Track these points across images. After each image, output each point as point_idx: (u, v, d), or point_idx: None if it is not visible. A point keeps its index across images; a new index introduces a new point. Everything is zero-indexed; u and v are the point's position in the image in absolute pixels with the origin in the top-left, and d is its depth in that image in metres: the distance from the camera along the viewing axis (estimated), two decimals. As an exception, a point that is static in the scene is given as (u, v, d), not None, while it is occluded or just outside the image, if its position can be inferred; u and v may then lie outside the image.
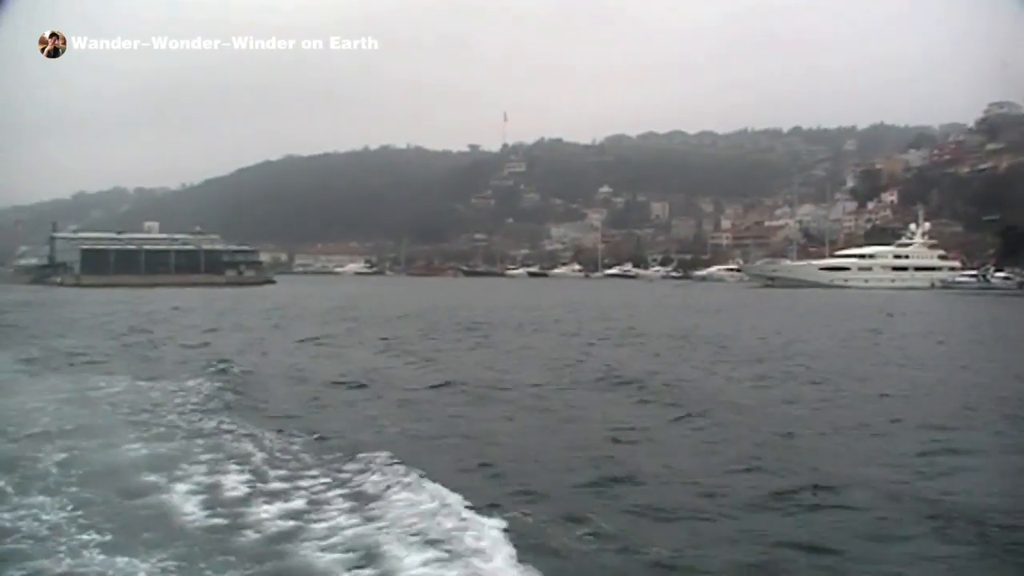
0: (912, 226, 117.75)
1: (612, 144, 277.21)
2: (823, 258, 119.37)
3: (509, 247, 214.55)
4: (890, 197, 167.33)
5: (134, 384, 16.79)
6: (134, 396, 15.32)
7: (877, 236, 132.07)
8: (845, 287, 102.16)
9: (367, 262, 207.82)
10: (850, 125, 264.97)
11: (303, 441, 11.66)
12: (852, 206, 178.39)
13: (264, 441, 11.55)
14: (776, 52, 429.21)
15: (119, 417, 13.34)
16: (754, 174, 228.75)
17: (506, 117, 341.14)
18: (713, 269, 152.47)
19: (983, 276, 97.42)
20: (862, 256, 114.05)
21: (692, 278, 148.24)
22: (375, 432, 12.71)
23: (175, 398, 15.01)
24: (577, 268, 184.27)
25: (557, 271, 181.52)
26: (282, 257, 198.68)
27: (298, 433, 12.15)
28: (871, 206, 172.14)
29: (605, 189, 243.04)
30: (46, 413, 13.32)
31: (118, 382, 17.04)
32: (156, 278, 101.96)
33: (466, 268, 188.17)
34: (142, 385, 16.64)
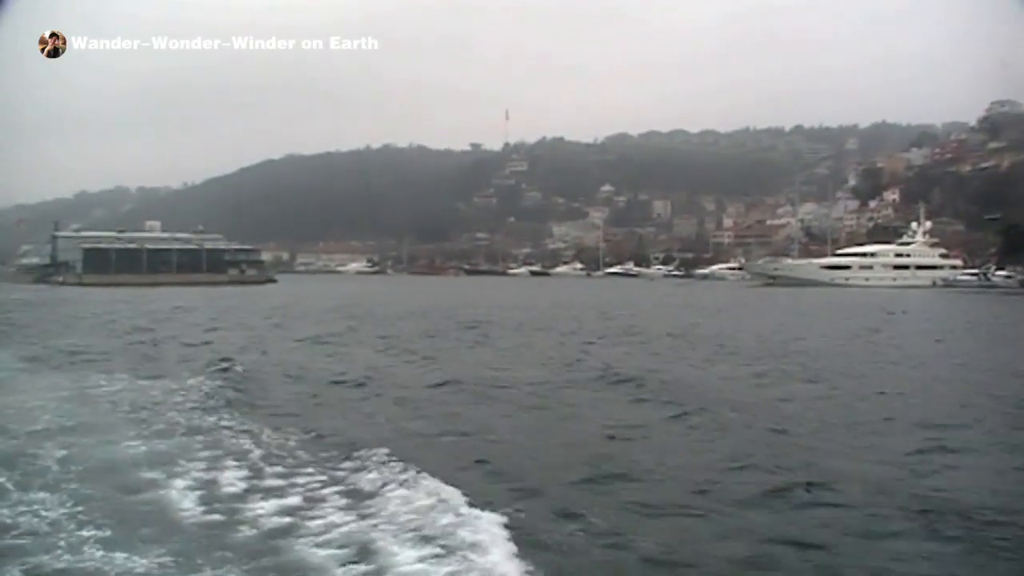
0: (913, 225, 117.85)
1: (614, 143, 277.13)
2: (825, 257, 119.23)
3: (511, 246, 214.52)
4: (892, 196, 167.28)
5: (135, 382, 16.87)
6: (134, 394, 15.38)
7: (879, 235, 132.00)
8: (846, 286, 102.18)
9: (369, 261, 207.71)
10: (852, 124, 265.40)
11: (302, 438, 11.73)
12: (854, 205, 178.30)
13: (263, 438, 11.62)
14: (777, 52, 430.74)
15: (119, 415, 13.42)
16: (756, 173, 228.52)
17: (508, 116, 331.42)
18: (715, 268, 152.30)
19: (984, 275, 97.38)
20: (863, 255, 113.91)
21: (694, 277, 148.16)
22: (373, 429, 12.79)
23: (175, 396, 15.04)
24: (579, 267, 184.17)
25: (559, 270, 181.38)
26: (284, 256, 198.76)
27: (297, 430, 12.22)
28: (873, 205, 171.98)
29: (607, 188, 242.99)
30: (47, 411, 13.40)
31: (119, 380, 17.11)
32: (158, 277, 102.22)
33: (468, 267, 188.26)
34: (143, 383, 16.71)
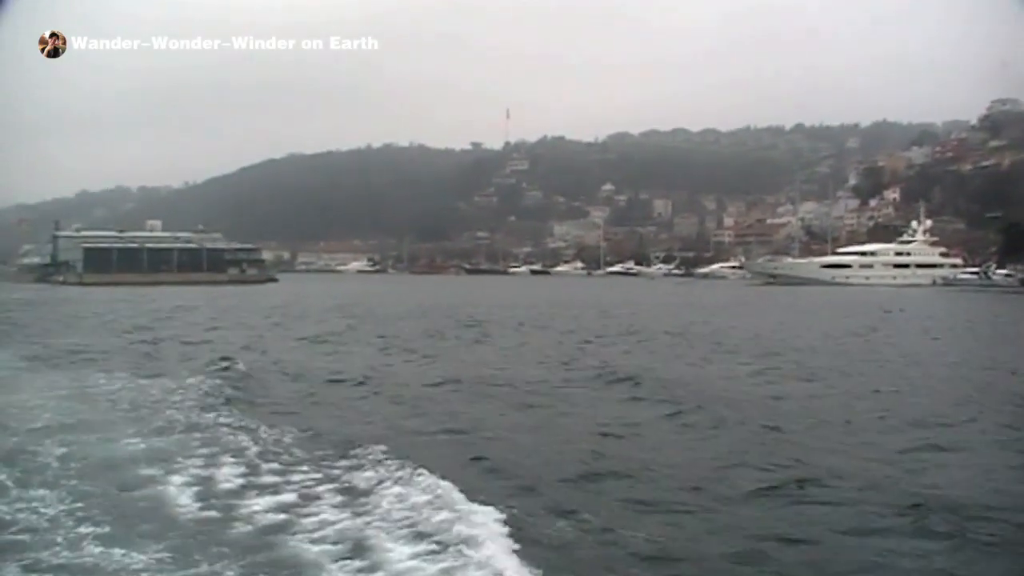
0: (914, 223, 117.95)
1: (614, 142, 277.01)
2: (825, 255, 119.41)
3: (512, 245, 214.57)
4: (892, 194, 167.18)
5: (134, 381, 16.95)
6: (134, 393, 15.47)
7: (879, 233, 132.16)
8: (847, 284, 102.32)
9: (370, 260, 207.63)
10: (853, 122, 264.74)
11: (299, 436, 11.81)
12: (854, 203, 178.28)
13: (260, 436, 11.69)
14: (777, 51, 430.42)
15: (119, 413, 13.51)
16: (757, 171, 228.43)
17: (508, 115, 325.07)
18: (715, 267, 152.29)
19: (984, 273, 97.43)
20: (863, 253, 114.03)
21: (694, 276, 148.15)
22: (371, 427, 12.88)
23: (174, 395, 15.11)
24: (580, 266, 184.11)
25: (559, 269, 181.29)
26: (285, 255, 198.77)
27: (295, 428, 12.29)
28: (873, 203, 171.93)
29: (607, 187, 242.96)
30: (47, 409, 13.49)
31: (118, 379, 17.21)
32: (159, 276, 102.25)
33: (469, 266, 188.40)
34: (143, 382, 16.79)
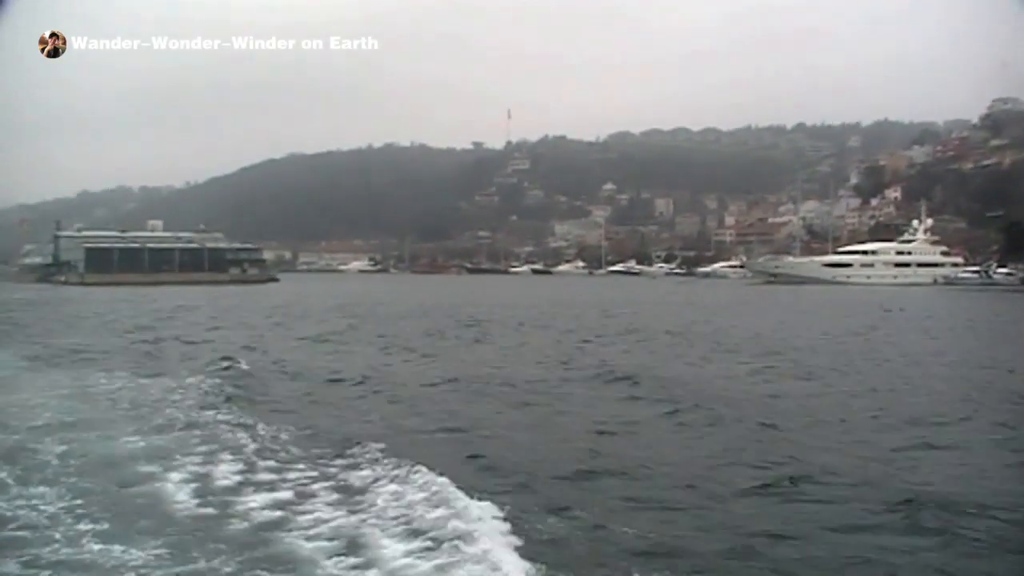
0: (915, 222, 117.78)
1: (616, 141, 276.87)
2: (826, 255, 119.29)
3: (513, 244, 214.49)
4: (894, 193, 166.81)
5: (135, 380, 17.05)
6: (135, 392, 15.58)
7: (880, 232, 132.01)
8: (848, 283, 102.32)
9: (371, 260, 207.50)
10: (854, 121, 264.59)
11: (298, 435, 11.90)
12: (856, 203, 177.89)
13: (259, 434, 11.79)
14: (777, 51, 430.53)
15: (119, 411, 13.62)
16: (758, 171, 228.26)
17: (510, 115, 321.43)
18: (716, 266, 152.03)
19: (985, 272, 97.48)
20: (865, 252, 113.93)
21: (695, 275, 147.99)
22: (369, 426, 12.96)
23: (174, 394, 15.21)
24: (581, 265, 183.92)
25: (561, 268, 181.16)
26: (286, 255, 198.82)
27: (293, 427, 12.38)
28: (875, 202, 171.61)
29: (609, 186, 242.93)
30: (48, 408, 13.59)
31: (119, 378, 17.32)
32: (160, 276, 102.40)
33: (470, 265, 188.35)
34: (143, 381, 16.89)
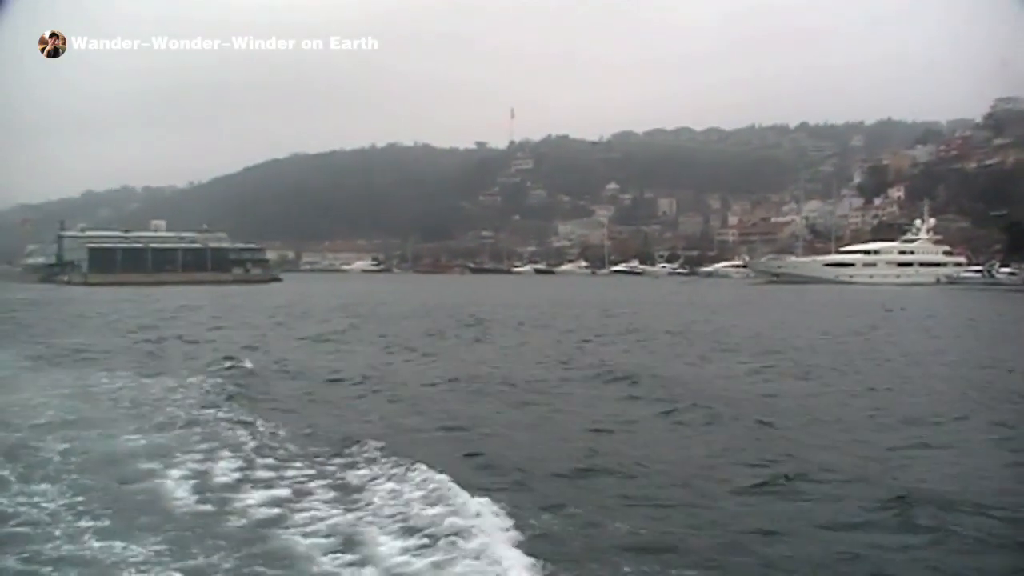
0: (918, 222, 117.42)
1: (619, 141, 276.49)
2: (829, 254, 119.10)
3: (516, 244, 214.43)
4: (897, 193, 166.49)
5: (137, 379, 17.15)
6: (137, 391, 15.68)
7: (883, 232, 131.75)
8: (850, 283, 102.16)
9: (374, 260, 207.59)
10: (857, 121, 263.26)
11: (297, 433, 11.98)
12: (859, 202, 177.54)
13: (259, 432, 11.89)
14: (779, 50, 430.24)
15: (120, 410, 13.72)
16: (761, 170, 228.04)
17: (513, 114, 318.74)
18: (719, 265, 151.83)
19: (988, 272, 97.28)
20: (867, 252, 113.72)
21: (698, 274, 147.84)
22: (369, 425, 13.03)
23: (176, 393, 15.32)
24: (584, 265, 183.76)
25: (564, 268, 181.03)
26: (289, 255, 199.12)
27: (293, 426, 12.47)
28: (878, 202, 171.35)
29: (612, 186, 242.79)
30: (50, 406, 13.69)
31: (121, 377, 17.43)
32: (163, 276, 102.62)
33: (473, 265, 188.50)
34: (145, 381, 16.99)
